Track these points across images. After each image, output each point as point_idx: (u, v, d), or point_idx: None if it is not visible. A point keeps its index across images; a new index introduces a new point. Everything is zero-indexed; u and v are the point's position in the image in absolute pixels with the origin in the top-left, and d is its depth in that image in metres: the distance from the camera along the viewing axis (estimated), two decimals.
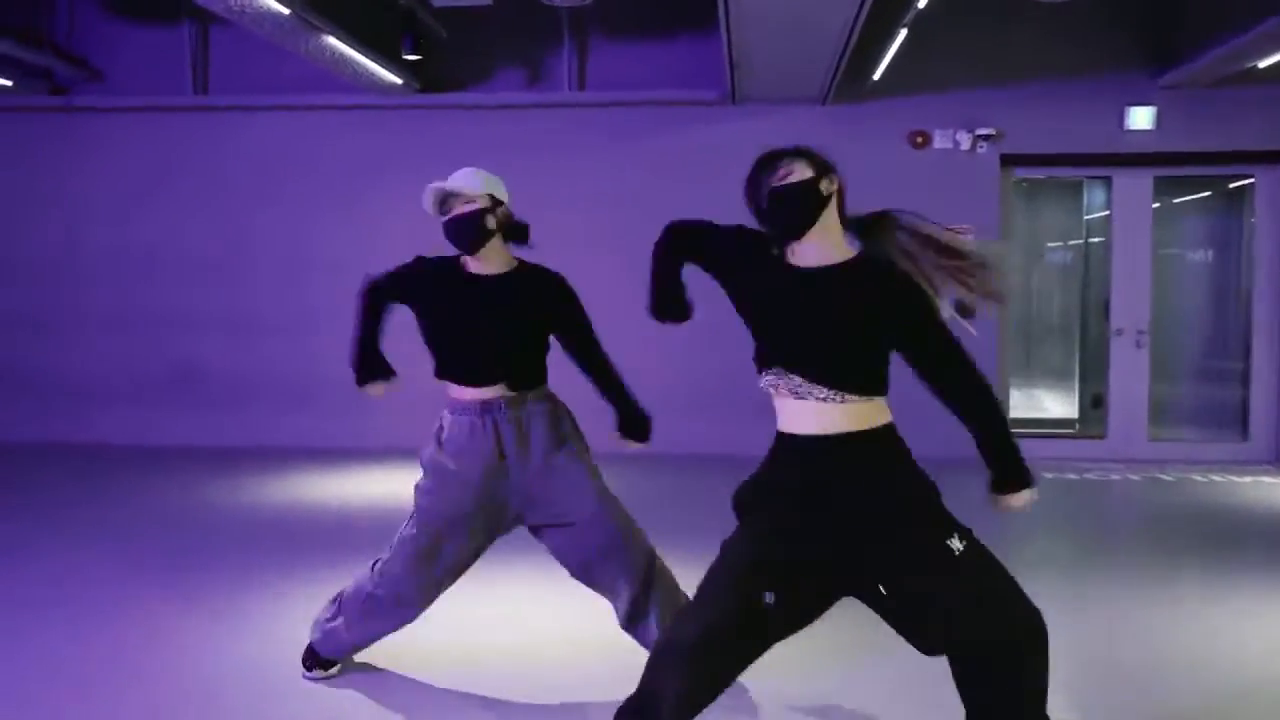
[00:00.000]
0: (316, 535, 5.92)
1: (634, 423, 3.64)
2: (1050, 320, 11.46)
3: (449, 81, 8.76)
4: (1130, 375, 8.75)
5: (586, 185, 8.68)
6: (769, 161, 2.68)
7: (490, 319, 3.42)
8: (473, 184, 3.42)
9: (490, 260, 3.45)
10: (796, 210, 2.61)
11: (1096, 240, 9.40)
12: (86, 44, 9.06)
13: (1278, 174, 8.47)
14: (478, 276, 3.47)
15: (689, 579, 2.97)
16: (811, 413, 2.57)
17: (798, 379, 2.57)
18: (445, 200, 3.40)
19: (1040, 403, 11.21)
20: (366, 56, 7.45)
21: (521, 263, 3.54)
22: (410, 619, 3.62)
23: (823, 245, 2.64)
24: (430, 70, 8.56)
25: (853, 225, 2.70)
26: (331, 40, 6.98)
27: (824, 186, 2.63)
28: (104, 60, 9.07)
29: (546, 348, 3.56)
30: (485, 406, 3.42)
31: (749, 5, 6.15)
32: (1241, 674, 3.83)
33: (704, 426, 8.14)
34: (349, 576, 3.75)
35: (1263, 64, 7.64)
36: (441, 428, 3.51)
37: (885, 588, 2.58)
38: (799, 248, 2.65)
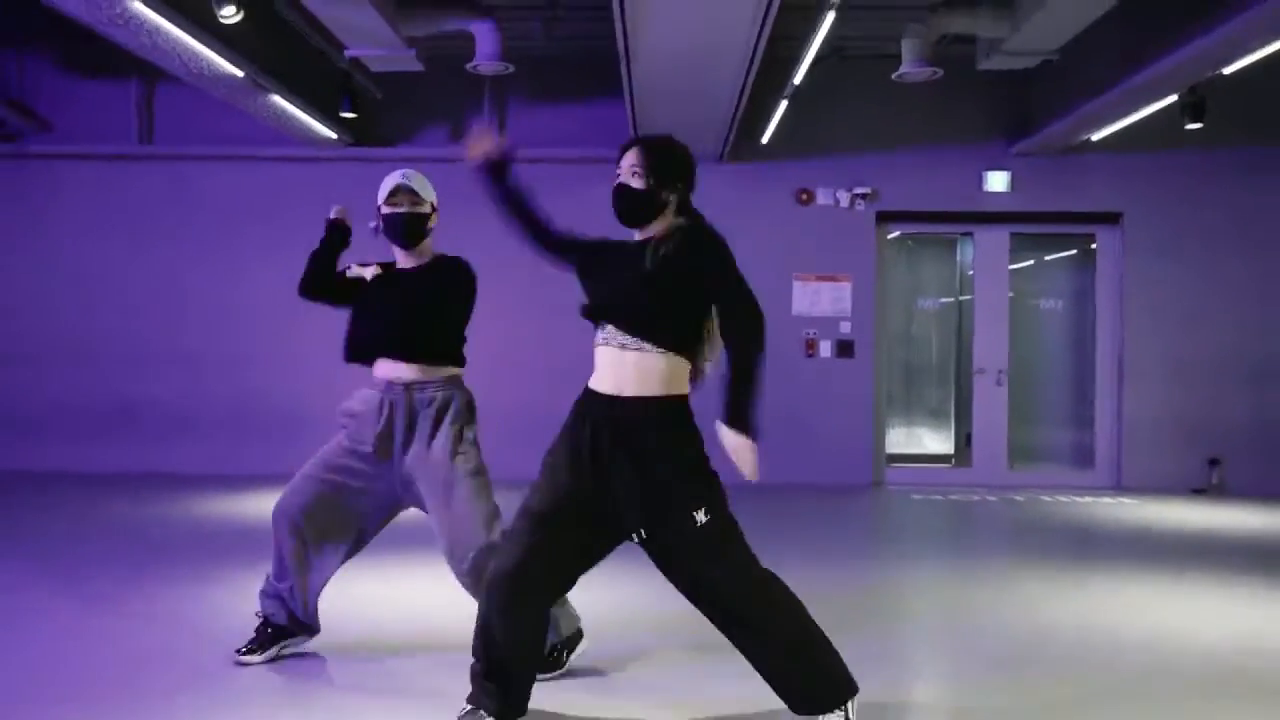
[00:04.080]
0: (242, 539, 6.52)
1: None
2: (929, 366, 12.53)
3: (380, 137, 9.55)
4: (991, 411, 9.73)
5: (507, 236, 9.44)
6: (628, 148, 3.04)
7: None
8: (427, 190, 3.89)
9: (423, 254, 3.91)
10: (630, 210, 3.05)
11: (967, 298, 10.41)
12: (37, 97, 9.68)
13: (1115, 233, 9.60)
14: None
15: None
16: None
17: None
18: (396, 194, 3.78)
19: (920, 440, 12.21)
20: (307, 114, 8.21)
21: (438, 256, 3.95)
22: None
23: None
24: (363, 127, 9.34)
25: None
26: (276, 99, 7.73)
27: (663, 196, 3.00)
28: (54, 111, 9.69)
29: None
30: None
31: (648, 75, 7.05)
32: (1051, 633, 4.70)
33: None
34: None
35: (1095, 137, 8.80)
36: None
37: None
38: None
